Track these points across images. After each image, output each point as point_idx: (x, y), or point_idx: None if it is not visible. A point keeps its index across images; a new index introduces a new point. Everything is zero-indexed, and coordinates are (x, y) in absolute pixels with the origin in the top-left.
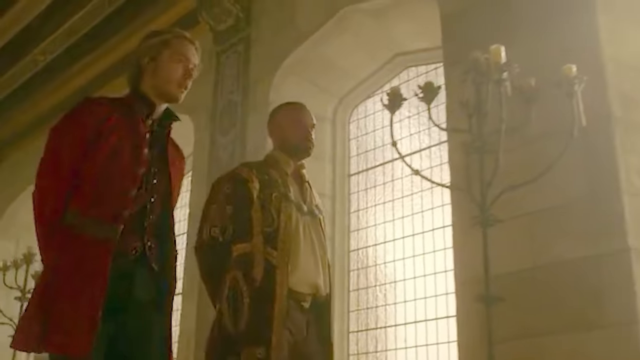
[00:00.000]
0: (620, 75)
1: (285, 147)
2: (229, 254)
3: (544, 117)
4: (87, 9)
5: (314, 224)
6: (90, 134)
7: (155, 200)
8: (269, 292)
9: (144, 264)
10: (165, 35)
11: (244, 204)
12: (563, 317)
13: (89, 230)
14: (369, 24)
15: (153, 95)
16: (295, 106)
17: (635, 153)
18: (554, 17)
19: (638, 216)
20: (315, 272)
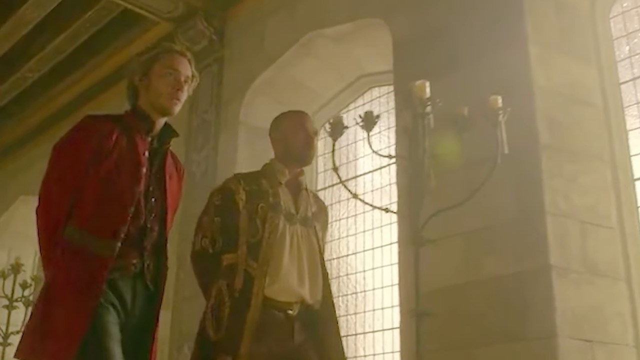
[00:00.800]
0: (549, 103)
1: (286, 154)
2: (219, 264)
3: (479, 143)
4: (71, 30)
5: (305, 233)
6: (92, 152)
7: (153, 218)
8: (245, 303)
9: (141, 281)
10: (154, 51)
11: (231, 215)
12: (491, 330)
13: (87, 245)
14: (332, 47)
15: (150, 110)
16: (299, 114)
17: (561, 177)
18: (490, 48)
19: (560, 236)
20: (299, 281)
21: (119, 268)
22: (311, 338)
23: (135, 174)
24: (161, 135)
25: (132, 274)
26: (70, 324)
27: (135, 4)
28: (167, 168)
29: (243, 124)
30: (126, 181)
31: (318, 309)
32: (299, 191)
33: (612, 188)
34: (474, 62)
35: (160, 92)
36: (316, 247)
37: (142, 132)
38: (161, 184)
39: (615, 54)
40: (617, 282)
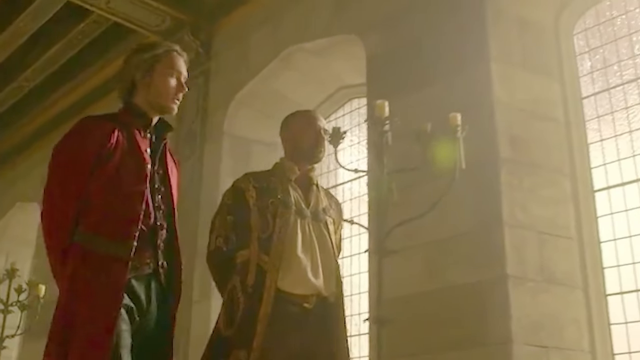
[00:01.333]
0: (510, 118)
1: (296, 152)
2: (233, 261)
3: (442, 157)
4: (64, 41)
5: (317, 227)
6: (94, 154)
7: (162, 215)
8: (258, 297)
9: (157, 280)
10: (157, 50)
11: (243, 212)
12: (451, 337)
13: (101, 248)
14: (312, 61)
15: (147, 108)
16: (308, 113)
17: (520, 189)
18: (456, 66)
19: (517, 247)
20: (313, 273)
21: (134, 268)
22: (326, 332)
23: (141, 172)
24: (157, 130)
25: (147, 274)
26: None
27: (125, 18)
28: (168, 163)
29: (227, 134)
30: (133, 180)
31: (333, 302)
32: (309, 186)
33: (571, 200)
34: (440, 79)
35: (161, 92)
36: (328, 240)
37: (141, 129)
38: (165, 180)
39: (578, 69)
40: (574, 290)
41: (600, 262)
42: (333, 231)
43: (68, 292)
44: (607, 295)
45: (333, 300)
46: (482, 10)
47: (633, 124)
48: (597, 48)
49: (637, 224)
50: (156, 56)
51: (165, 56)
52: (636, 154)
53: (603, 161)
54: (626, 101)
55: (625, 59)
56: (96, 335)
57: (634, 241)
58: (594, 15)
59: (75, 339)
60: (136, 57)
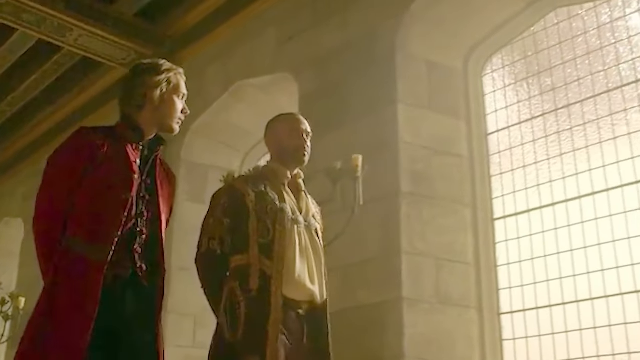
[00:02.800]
0: (414, 156)
1: (281, 156)
2: (227, 265)
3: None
4: (41, 71)
5: (309, 233)
6: (84, 163)
7: (145, 223)
8: (264, 302)
9: (135, 284)
10: (169, 73)
11: (241, 216)
12: (353, 352)
13: (82, 251)
14: (258, 95)
15: (149, 125)
16: (291, 116)
17: (420, 220)
18: (370, 107)
19: (414, 272)
20: (310, 280)
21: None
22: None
23: (127, 181)
24: (151, 144)
25: (124, 277)
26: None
27: (93, 53)
28: (157, 174)
29: (184, 160)
30: (118, 189)
31: (320, 308)
32: (299, 192)
33: (471, 228)
34: (354, 119)
35: (169, 113)
36: (319, 247)
37: (133, 142)
38: (152, 190)
39: (485, 108)
40: (468, 310)
41: (496, 284)
42: (321, 239)
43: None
44: (501, 314)
45: (319, 309)
46: (393, 55)
47: (527, 159)
48: (502, 88)
49: (529, 249)
50: (169, 79)
51: (176, 79)
52: (529, 187)
53: (502, 192)
54: (522, 138)
55: (523, 100)
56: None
57: (524, 265)
58: (501, 58)
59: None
60: (150, 77)
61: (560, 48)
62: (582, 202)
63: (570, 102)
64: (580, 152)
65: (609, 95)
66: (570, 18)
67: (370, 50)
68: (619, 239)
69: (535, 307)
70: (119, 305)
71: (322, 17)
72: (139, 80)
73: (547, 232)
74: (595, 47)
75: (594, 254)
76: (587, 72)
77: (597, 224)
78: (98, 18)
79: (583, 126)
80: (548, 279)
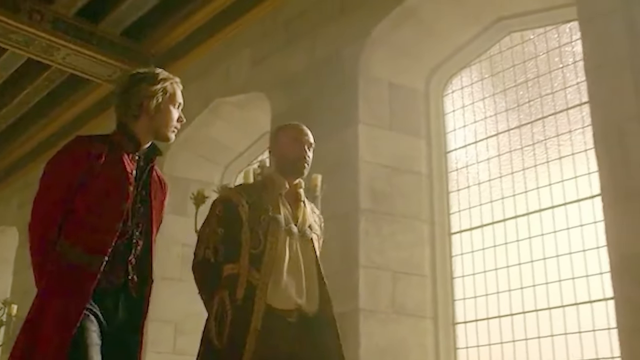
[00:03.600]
0: (373, 174)
1: (282, 164)
2: (220, 274)
3: None
4: (32, 86)
5: (303, 244)
6: (81, 172)
7: (139, 234)
8: (247, 312)
9: (125, 294)
10: (165, 82)
11: (234, 226)
12: None
13: (76, 259)
14: (235, 112)
15: (144, 134)
16: (295, 126)
17: (378, 235)
18: (335, 127)
19: (370, 285)
20: (297, 290)
21: (105, 281)
22: (309, 345)
23: (123, 191)
24: (147, 154)
25: (117, 287)
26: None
27: (81, 71)
28: (152, 185)
29: (167, 174)
30: (114, 199)
31: (315, 317)
32: (297, 202)
33: (428, 242)
34: (320, 139)
35: (165, 122)
36: (313, 258)
37: (130, 152)
38: (147, 200)
39: (445, 127)
40: (424, 320)
41: (452, 295)
42: (318, 247)
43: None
44: (455, 324)
45: (316, 315)
46: (356, 78)
47: (481, 177)
48: (462, 108)
49: (483, 262)
50: (165, 88)
51: (172, 87)
52: (483, 203)
53: (458, 208)
54: (477, 156)
55: (479, 120)
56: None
57: (478, 278)
58: (460, 79)
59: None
60: (146, 87)
61: (513, 70)
62: (530, 219)
63: (521, 123)
64: (529, 170)
65: (556, 117)
66: (523, 42)
67: (335, 73)
68: (562, 254)
69: (486, 318)
70: (110, 314)
71: (292, 40)
72: (135, 90)
73: (498, 246)
74: (544, 71)
75: (539, 268)
76: (536, 94)
77: (542, 239)
78: (84, 38)
79: (532, 146)
80: (498, 291)
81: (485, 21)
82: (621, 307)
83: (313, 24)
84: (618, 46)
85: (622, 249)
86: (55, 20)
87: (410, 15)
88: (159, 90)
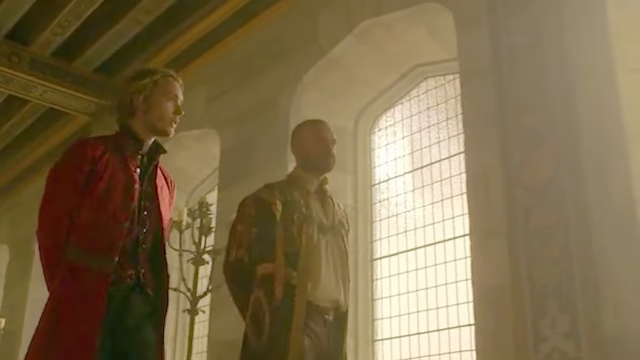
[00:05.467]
0: None
1: (307, 163)
2: (253, 274)
3: None
4: (18, 116)
5: (335, 240)
6: (85, 174)
7: (146, 231)
8: (288, 311)
9: (139, 290)
10: (155, 76)
11: (268, 226)
12: None
13: (87, 262)
14: (194, 144)
15: (144, 131)
16: (316, 123)
17: None
18: (268, 165)
19: None
20: (336, 288)
21: (116, 281)
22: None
23: (128, 191)
24: (150, 152)
25: (128, 286)
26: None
27: (58, 104)
28: (157, 182)
29: None
30: (120, 199)
31: (343, 314)
32: (325, 199)
33: (352, 267)
34: (257, 176)
35: (162, 116)
36: (344, 254)
37: (133, 151)
38: (153, 198)
39: (372, 162)
40: None
41: (372, 315)
42: (347, 243)
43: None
44: (375, 340)
45: (342, 315)
46: (288, 120)
47: (399, 209)
48: (387, 145)
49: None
50: (154, 82)
51: (163, 81)
52: (400, 232)
53: (379, 235)
54: (396, 190)
55: (400, 157)
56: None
57: (394, 299)
58: (385, 120)
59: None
60: (135, 83)
61: (428, 113)
62: (436, 247)
63: (432, 161)
64: (437, 204)
65: (450, 161)
66: (437, 87)
67: (273, 114)
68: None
69: (398, 336)
70: (125, 314)
71: (241, 81)
72: (125, 88)
73: (410, 271)
74: (452, 114)
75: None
76: (445, 135)
77: (445, 267)
78: (59, 75)
79: (440, 182)
80: (409, 312)
81: (403, 68)
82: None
83: (258, 67)
84: (487, 103)
85: (483, 281)
86: (32, 61)
87: (334, 64)
88: (148, 84)
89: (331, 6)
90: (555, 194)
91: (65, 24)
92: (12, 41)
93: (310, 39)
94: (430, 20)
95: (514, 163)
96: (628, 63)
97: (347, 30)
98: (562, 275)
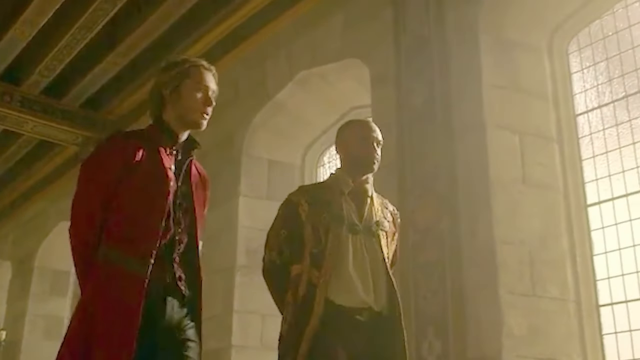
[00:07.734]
0: (249, 236)
1: (350, 163)
2: (288, 275)
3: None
4: (13, 147)
5: (369, 241)
6: (118, 171)
7: (182, 231)
8: (306, 312)
9: (174, 293)
10: (184, 66)
11: (296, 227)
12: None
13: (121, 263)
14: None
15: (176, 124)
16: (361, 123)
17: (251, 286)
18: (225, 198)
19: (242, 326)
20: (364, 289)
21: (151, 282)
22: (379, 345)
23: (163, 188)
24: (184, 147)
25: (164, 287)
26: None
27: (48, 137)
28: (192, 179)
29: None
30: (155, 197)
31: (386, 316)
32: (363, 199)
33: None
34: (215, 208)
35: (191, 107)
36: (380, 255)
37: (167, 146)
38: (188, 196)
39: None
40: None
41: None
42: (385, 244)
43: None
44: None
45: (386, 314)
46: (240, 157)
47: None
48: None
49: None
50: (183, 72)
51: (193, 71)
52: None
53: None
54: None
55: None
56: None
57: None
58: (328, 154)
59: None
60: (164, 75)
61: None
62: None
63: None
64: None
65: None
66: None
67: (229, 151)
68: None
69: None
70: (161, 316)
71: None
72: (155, 81)
73: None
74: None
75: None
76: None
77: None
78: (49, 112)
79: None
80: None
81: (342, 109)
82: None
83: (219, 105)
84: (389, 152)
85: None
86: (23, 99)
87: (280, 107)
88: (175, 74)
89: (276, 56)
90: (437, 234)
91: (51, 66)
92: (4, 82)
93: (259, 85)
94: (356, 73)
95: (408, 205)
96: (496, 121)
97: (289, 78)
98: (439, 305)
